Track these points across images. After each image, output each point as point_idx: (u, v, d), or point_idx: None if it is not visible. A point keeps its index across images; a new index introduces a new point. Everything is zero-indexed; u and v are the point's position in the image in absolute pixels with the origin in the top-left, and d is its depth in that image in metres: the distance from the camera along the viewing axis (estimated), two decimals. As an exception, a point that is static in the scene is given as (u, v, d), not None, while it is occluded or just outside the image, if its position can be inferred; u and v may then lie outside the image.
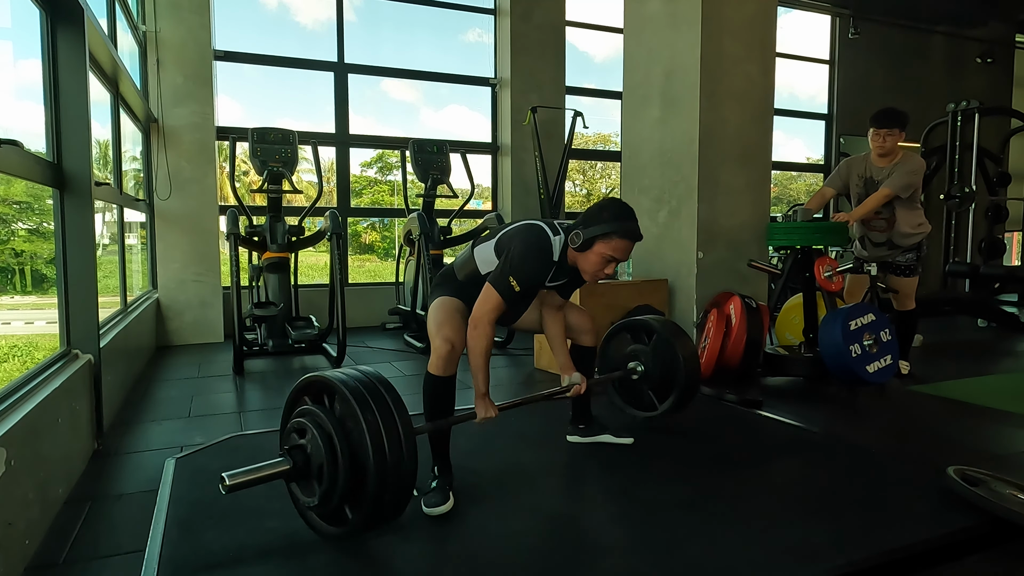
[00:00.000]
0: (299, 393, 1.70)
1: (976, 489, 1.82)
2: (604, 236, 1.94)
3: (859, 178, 3.68)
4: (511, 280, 1.94)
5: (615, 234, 1.94)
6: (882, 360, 3.12)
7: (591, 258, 1.98)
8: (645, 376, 2.54)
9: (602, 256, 1.96)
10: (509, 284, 1.94)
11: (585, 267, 2.01)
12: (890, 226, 3.63)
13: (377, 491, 1.48)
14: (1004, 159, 6.95)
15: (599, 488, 2.12)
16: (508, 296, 1.94)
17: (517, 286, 1.94)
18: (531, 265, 1.97)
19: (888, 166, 3.59)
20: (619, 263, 2.01)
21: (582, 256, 2.00)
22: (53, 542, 1.80)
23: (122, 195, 4.18)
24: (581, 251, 1.99)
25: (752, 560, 1.57)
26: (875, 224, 3.66)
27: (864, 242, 3.78)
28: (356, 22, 6.26)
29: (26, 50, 2.56)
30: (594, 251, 1.97)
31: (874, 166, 3.63)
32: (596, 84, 7.24)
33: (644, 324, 2.58)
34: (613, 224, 1.94)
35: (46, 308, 2.80)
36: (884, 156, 3.60)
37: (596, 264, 1.98)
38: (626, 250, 1.98)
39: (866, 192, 3.65)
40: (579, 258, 2.02)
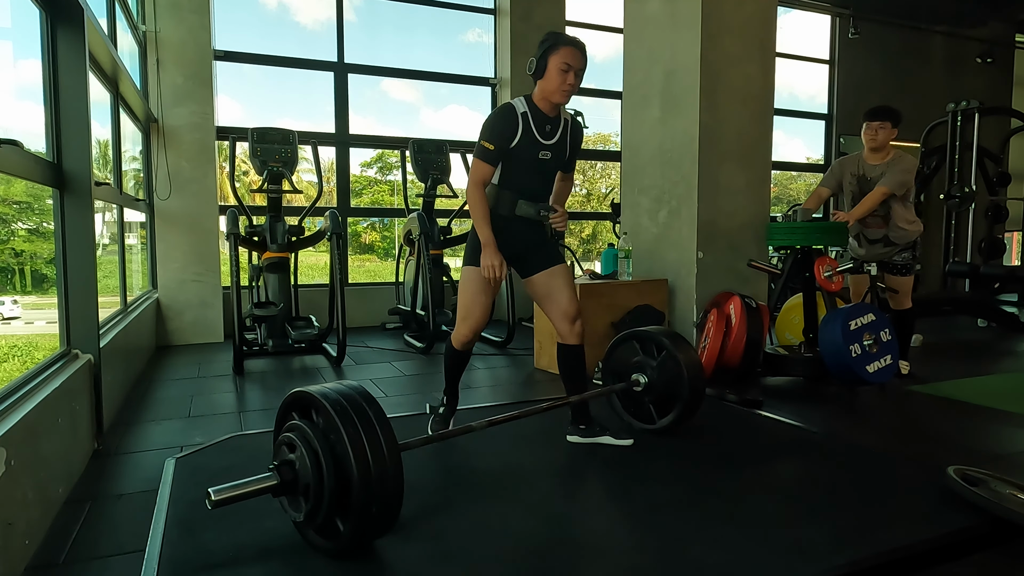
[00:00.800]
0: (287, 408, 1.70)
1: (976, 489, 1.82)
2: (551, 49, 2.18)
3: (852, 176, 3.72)
4: (483, 144, 2.21)
5: (559, 43, 2.18)
6: (882, 360, 3.12)
7: (551, 76, 2.18)
8: (648, 389, 2.53)
9: (559, 68, 2.17)
10: (482, 147, 2.21)
11: (551, 88, 2.19)
12: (885, 223, 3.65)
13: (363, 503, 1.48)
14: (1004, 159, 6.96)
15: (599, 488, 2.12)
16: (484, 156, 2.21)
17: (488, 144, 2.20)
18: (493, 122, 2.21)
19: (881, 163, 3.62)
20: (577, 72, 2.19)
21: (544, 82, 2.21)
22: (53, 542, 1.80)
23: (122, 195, 4.18)
24: (541, 77, 2.21)
25: (752, 560, 1.57)
26: (871, 221, 3.66)
27: (860, 239, 3.79)
28: (356, 22, 6.27)
29: (26, 50, 2.56)
30: (550, 68, 2.18)
31: (867, 164, 3.67)
32: (596, 84, 7.24)
33: (654, 337, 2.55)
34: (553, 38, 2.21)
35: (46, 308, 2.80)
36: (876, 152, 3.64)
37: (557, 78, 2.17)
38: (575, 56, 2.18)
39: (860, 190, 3.68)
40: (543, 87, 2.22)
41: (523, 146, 2.23)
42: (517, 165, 2.27)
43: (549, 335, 3.91)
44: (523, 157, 2.25)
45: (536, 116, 2.23)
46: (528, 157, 2.25)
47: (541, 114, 2.24)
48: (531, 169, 2.28)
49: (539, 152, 2.25)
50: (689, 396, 2.43)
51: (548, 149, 2.27)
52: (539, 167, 2.29)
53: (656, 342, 2.54)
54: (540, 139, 2.24)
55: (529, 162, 2.26)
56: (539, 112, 2.24)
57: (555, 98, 2.21)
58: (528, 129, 2.22)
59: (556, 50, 2.17)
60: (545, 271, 2.37)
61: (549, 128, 2.26)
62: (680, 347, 2.46)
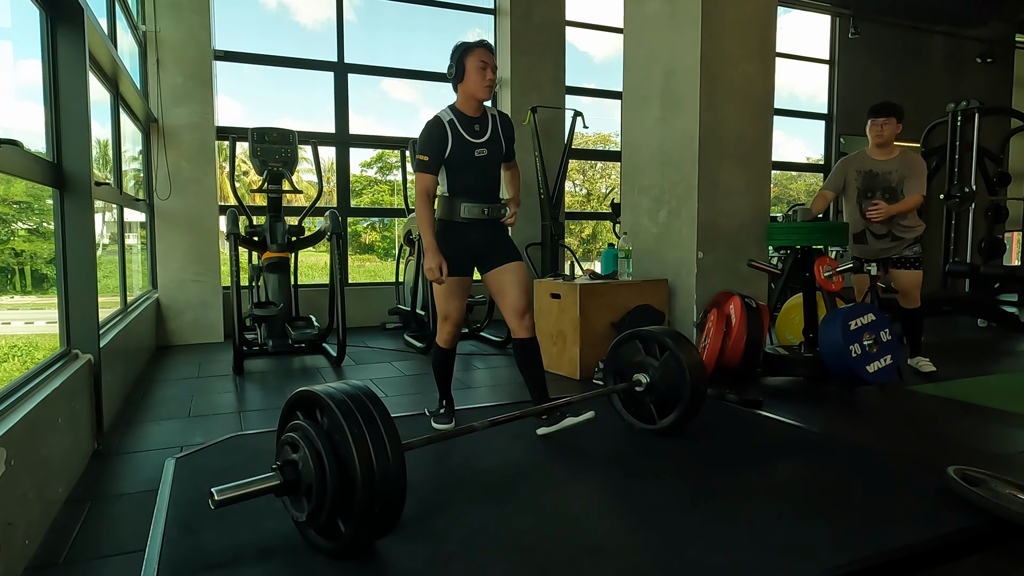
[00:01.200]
0: (291, 407, 1.70)
1: (976, 489, 1.82)
2: (465, 53, 2.36)
3: (857, 173, 3.78)
4: (419, 157, 2.38)
5: (471, 47, 2.36)
6: (882, 360, 3.12)
7: (471, 76, 2.36)
8: (649, 390, 2.53)
9: (476, 68, 2.35)
10: (419, 160, 2.38)
11: (472, 86, 2.37)
12: (890, 219, 3.69)
13: (366, 504, 1.48)
14: (1004, 159, 6.96)
15: (599, 488, 2.12)
16: (421, 167, 2.38)
17: (423, 156, 2.37)
18: (425, 136, 2.38)
19: (889, 159, 3.70)
20: (493, 68, 2.37)
21: (465, 84, 2.38)
22: (53, 542, 1.80)
23: (122, 195, 4.19)
24: (462, 80, 2.38)
25: (752, 560, 1.57)
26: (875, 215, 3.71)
27: (865, 236, 3.82)
28: (356, 22, 6.27)
29: (26, 50, 2.56)
30: (468, 70, 2.36)
31: (873, 160, 3.74)
32: (596, 84, 7.24)
33: (657, 337, 2.55)
34: (463, 45, 2.38)
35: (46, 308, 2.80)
36: (882, 147, 3.72)
37: (477, 76, 2.35)
38: (488, 55, 2.37)
39: (867, 186, 3.75)
40: (465, 88, 2.39)
41: (457, 151, 2.39)
42: (459, 169, 2.42)
43: (548, 335, 3.91)
44: (461, 161, 2.41)
45: (462, 120, 2.40)
46: (465, 159, 2.41)
47: (467, 117, 2.42)
48: (472, 169, 2.43)
49: (474, 151, 2.41)
50: (691, 397, 2.43)
51: (483, 146, 2.43)
52: (479, 165, 2.44)
53: (659, 342, 2.54)
54: (471, 139, 2.41)
55: (468, 163, 2.42)
56: (464, 116, 2.42)
57: (479, 95, 2.38)
58: (457, 134, 2.39)
59: (470, 53, 2.36)
60: (497, 268, 2.50)
61: (478, 127, 2.43)
62: (683, 347, 2.46)
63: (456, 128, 2.39)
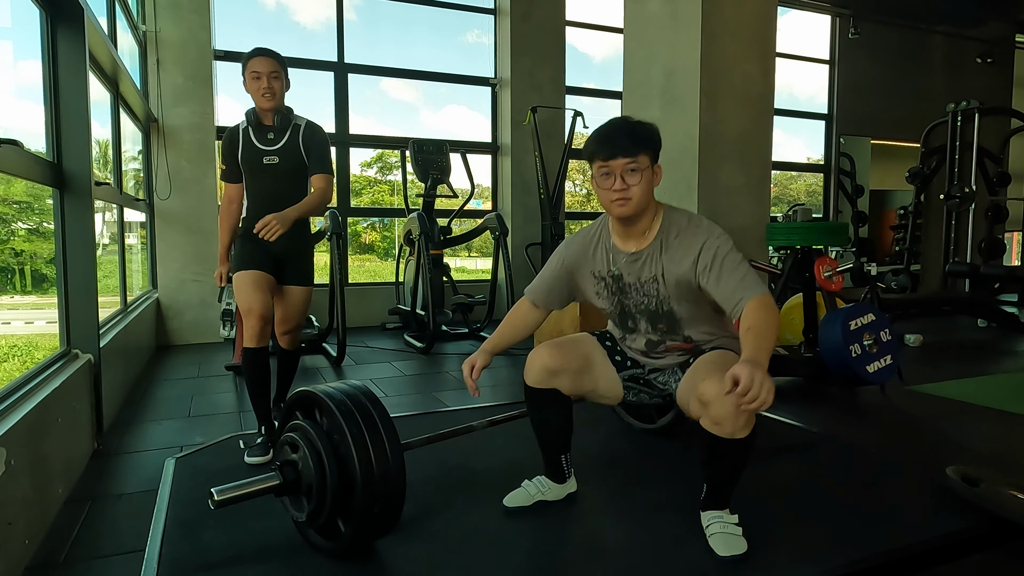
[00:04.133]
0: (291, 407, 1.70)
1: (976, 489, 1.82)
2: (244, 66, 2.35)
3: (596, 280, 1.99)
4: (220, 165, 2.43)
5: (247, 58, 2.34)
6: (882, 360, 3.12)
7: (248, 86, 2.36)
8: None
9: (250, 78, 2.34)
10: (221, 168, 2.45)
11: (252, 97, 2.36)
12: None
13: (366, 504, 1.48)
14: (1004, 159, 6.96)
15: (599, 488, 2.12)
16: (222, 176, 2.46)
17: (221, 164, 2.44)
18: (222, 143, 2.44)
19: None
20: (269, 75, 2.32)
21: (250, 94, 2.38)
22: (53, 542, 1.80)
23: (122, 195, 4.18)
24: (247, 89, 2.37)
25: (752, 560, 1.57)
26: None
27: None
28: (356, 21, 6.27)
29: (26, 50, 2.56)
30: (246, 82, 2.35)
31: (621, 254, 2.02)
32: (596, 84, 7.24)
33: None
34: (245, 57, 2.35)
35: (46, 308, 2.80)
36: None
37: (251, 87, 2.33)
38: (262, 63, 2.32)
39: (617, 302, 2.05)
40: None
41: (247, 157, 2.38)
42: (251, 175, 2.41)
43: (548, 335, 3.90)
44: (251, 167, 2.40)
45: (256, 127, 2.38)
46: (255, 165, 2.39)
47: (262, 125, 2.39)
48: (263, 176, 2.40)
49: (263, 158, 2.37)
50: None
51: (273, 154, 2.38)
52: (271, 173, 2.39)
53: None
54: (261, 146, 2.38)
55: (258, 169, 2.39)
56: (259, 123, 2.39)
57: (257, 103, 2.35)
58: (248, 141, 2.38)
59: (246, 64, 2.33)
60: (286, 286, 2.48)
61: (272, 135, 2.38)
62: None
63: (248, 135, 2.39)
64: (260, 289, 2.33)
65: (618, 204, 1.68)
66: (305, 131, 2.41)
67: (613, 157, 1.67)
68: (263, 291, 2.34)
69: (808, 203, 8.37)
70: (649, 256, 1.76)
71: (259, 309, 2.31)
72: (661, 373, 1.92)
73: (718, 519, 1.66)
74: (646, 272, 1.77)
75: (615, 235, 1.82)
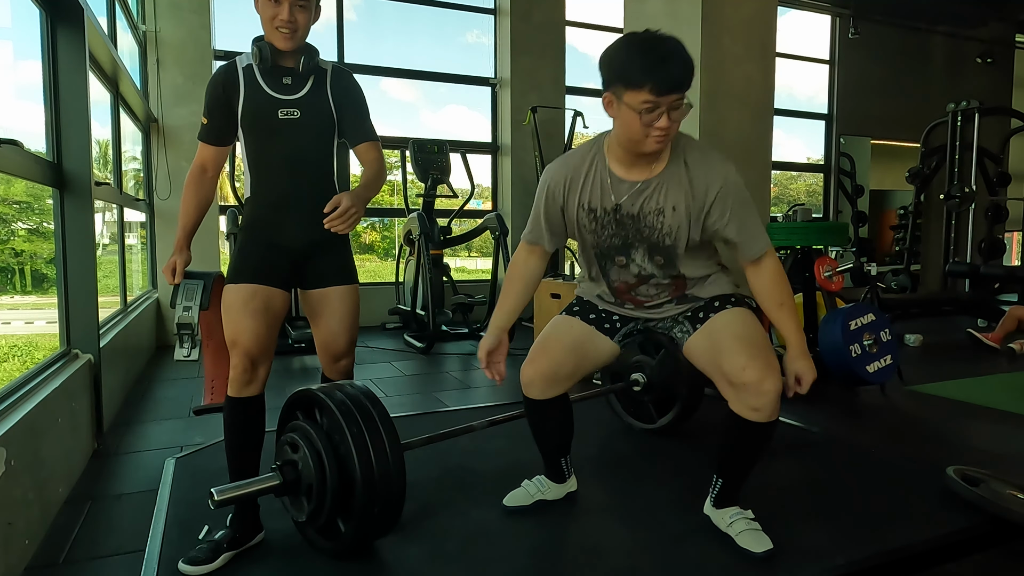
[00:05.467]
0: (291, 407, 1.70)
1: (976, 489, 1.81)
2: None
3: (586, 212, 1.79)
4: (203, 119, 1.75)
5: None
6: (882, 360, 3.12)
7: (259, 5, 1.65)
8: (647, 389, 2.52)
9: None
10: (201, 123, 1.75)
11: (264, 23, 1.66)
12: None
13: (366, 504, 1.48)
14: (1004, 159, 6.95)
15: (599, 488, 2.12)
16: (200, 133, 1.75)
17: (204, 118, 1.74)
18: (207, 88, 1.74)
19: None
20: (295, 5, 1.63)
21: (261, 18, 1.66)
22: (53, 542, 1.80)
23: (122, 195, 4.18)
24: None
25: (752, 560, 1.57)
26: None
27: None
28: (356, 21, 6.27)
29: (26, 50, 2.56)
30: None
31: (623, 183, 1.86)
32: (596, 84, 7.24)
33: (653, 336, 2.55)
34: None
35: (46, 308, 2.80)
36: None
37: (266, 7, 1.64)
38: None
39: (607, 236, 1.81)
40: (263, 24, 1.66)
41: (254, 109, 1.68)
42: (259, 136, 1.70)
43: (549, 335, 3.90)
44: (260, 123, 1.69)
45: (267, 67, 1.67)
46: (266, 122, 1.68)
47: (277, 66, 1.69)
48: (278, 136, 1.69)
49: (278, 111, 1.67)
50: (688, 395, 2.43)
51: (293, 106, 1.68)
52: (290, 132, 1.68)
53: (655, 341, 2.54)
54: (275, 94, 1.67)
55: (271, 127, 1.68)
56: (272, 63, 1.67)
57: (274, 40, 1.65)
58: (254, 86, 1.67)
59: None
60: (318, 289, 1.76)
61: (290, 81, 1.69)
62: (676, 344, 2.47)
63: (254, 77, 1.68)
64: (256, 314, 1.65)
65: (656, 141, 1.45)
66: (335, 79, 1.74)
67: (668, 91, 1.40)
68: (260, 316, 1.65)
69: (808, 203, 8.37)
70: (657, 187, 1.57)
71: (247, 342, 1.63)
72: (661, 323, 1.78)
73: (740, 516, 1.66)
74: (651, 203, 1.58)
75: (616, 164, 1.59)
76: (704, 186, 1.58)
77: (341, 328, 1.78)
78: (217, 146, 1.76)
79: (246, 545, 1.64)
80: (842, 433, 2.73)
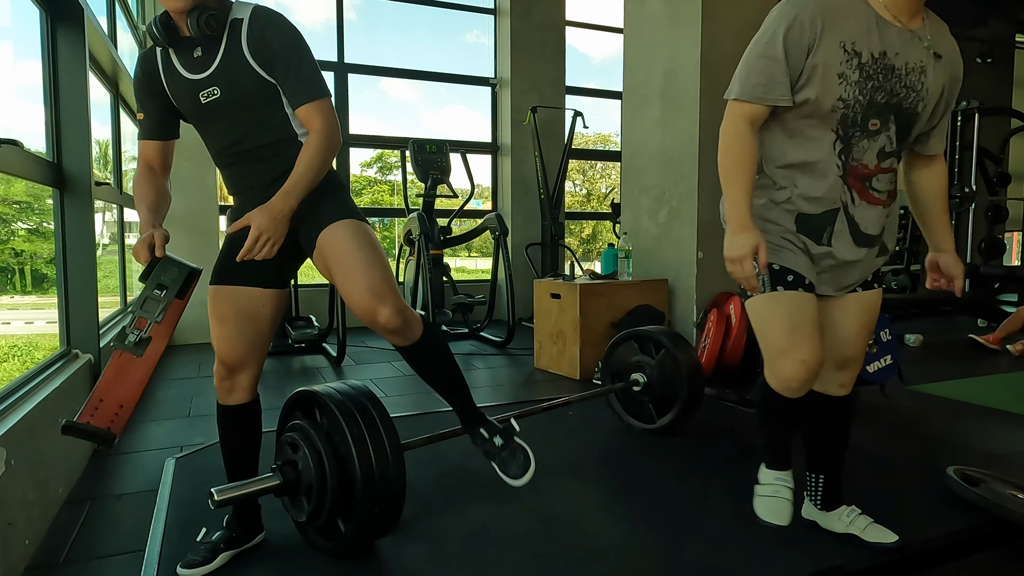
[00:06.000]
0: (291, 407, 1.70)
1: (976, 489, 1.82)
2: None
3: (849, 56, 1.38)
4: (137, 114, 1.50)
5: None
6: (882, 360, 3.12)
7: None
8: (647, 389, 2.53)
9: None
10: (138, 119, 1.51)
11: None
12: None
13: (366, 504, 1.48)
14: (1004, 159, 6.96)
15: (599, 488, 2.12)
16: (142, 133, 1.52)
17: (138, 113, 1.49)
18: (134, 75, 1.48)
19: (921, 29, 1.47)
20: None
21: None
22: (53, 542, 1.80)
23: (122, 195, 4.18)
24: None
25: (752, 559, 1.57)
26: None
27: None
28: (356, 21, 6.28)
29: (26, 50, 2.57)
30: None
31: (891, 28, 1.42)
32: (596, 84, 7.25)
33: (652, 336, 2.56)
34: None
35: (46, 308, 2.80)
36: None
37: None
38: None
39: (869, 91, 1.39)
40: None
41: (177, 98, 1.44)
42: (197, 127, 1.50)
43: (549, 335, 3.90)
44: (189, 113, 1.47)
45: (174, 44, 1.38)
46: (192, 111, 1.45)
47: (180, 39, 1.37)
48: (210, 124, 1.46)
49: (199, 94, 1.39)
50: (688, 395, 2.43)
51: (210, 83, 1.38)
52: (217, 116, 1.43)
53: (654, 341, 2.54)
54: (189, 75, 1.39)
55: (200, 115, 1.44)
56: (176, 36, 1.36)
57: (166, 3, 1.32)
58: (171, 69, 1.40)
59: None
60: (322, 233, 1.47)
61: (200, 53, 1.38)
62: (678, 346, 2.47)
63: (168, 56, 1.41)
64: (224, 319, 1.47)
65: None
66: (252, 29, 1.37)
67: None
68: (229, 320, 1.47)
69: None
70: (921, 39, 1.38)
71: (218, 348, 1.48)
72: None
73: (855, 512, 1.65)
74: (915, 57, 1.36)
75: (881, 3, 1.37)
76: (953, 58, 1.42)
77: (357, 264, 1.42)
78: (156, 139, 1.51)
79: (245, 546, 1.64)
80: (842, 433, 2.73)
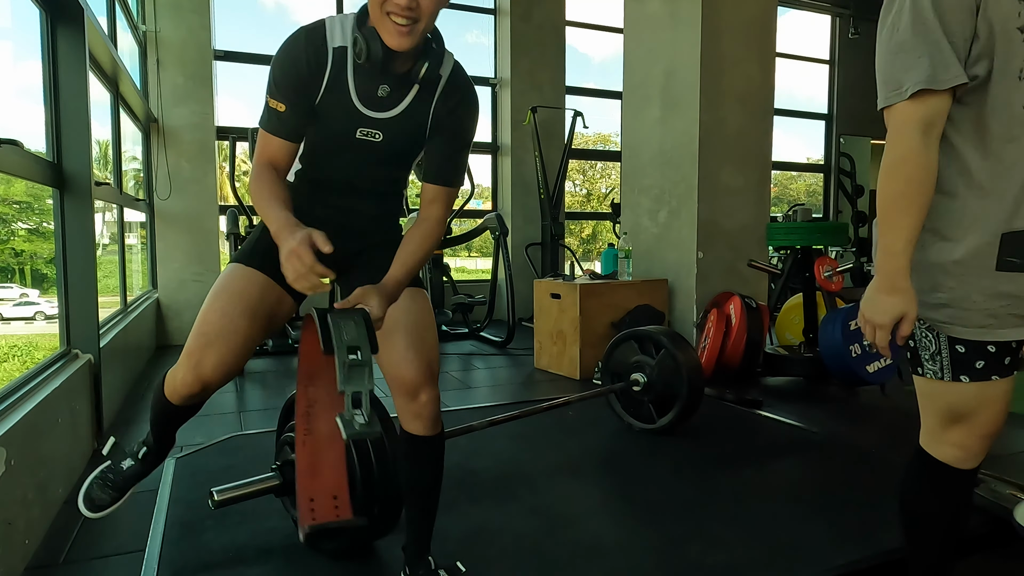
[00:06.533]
0: (290, 407, 1.70)
1: (976, 489, 1.82)
2: None
3: None
4: (268, 100, 1.27)
5: None
6: (882, 360, 3.13)
7: None
8: (647, 389, 2.53)
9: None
10: (267, 107, 1.27)
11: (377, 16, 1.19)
12: None
13: (366, 503, 1.48)
14: (1004, 159, 6.95)
15: (599, 488, 2.12)
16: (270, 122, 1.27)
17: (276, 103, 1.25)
18: (280, 57, 1.27)
19: None
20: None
21: None
22: (53, 542, 1.80)
23: (122, 195, 4.18)
24: None
25: (752, 560, 1.57)
26: None
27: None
28: (356, 22, 6.27)
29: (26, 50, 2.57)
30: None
31: None
32: (596, 84, 7.25)
33: (652, 337, 2.56)
34: None
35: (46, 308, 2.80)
36: None
37: None
38: None
39: None
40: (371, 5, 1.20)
41: (324, 111, 1.28)
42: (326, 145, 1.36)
43: (549, 335, 3.90)
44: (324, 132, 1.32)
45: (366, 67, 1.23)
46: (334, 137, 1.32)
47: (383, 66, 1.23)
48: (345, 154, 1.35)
49: (356, 130, 1.29)
50: (688, 395, 2.43)
51: (377, 127, 1.30)
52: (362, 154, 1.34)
53: (654, 341, 2.54)
54: (362, 107, 1.27)
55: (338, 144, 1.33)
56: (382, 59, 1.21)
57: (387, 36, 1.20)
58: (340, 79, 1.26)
59: None
60: None
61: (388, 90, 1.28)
62: (678, 346, 2.47)
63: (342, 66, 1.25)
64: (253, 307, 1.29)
65: None
66: (447, 97, 1.31)
67: None
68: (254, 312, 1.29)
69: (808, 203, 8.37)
70: None
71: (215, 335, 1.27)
72: None
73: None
74: None
75: None
76: None
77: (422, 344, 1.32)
78: (292, 141, 1.30)
79: None
80: (842, 433, 2.73)
